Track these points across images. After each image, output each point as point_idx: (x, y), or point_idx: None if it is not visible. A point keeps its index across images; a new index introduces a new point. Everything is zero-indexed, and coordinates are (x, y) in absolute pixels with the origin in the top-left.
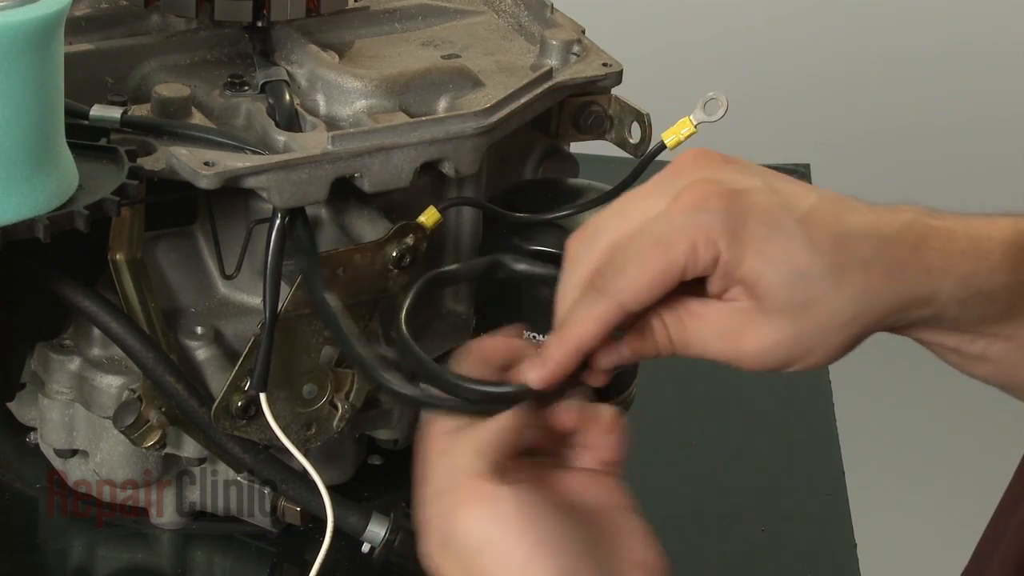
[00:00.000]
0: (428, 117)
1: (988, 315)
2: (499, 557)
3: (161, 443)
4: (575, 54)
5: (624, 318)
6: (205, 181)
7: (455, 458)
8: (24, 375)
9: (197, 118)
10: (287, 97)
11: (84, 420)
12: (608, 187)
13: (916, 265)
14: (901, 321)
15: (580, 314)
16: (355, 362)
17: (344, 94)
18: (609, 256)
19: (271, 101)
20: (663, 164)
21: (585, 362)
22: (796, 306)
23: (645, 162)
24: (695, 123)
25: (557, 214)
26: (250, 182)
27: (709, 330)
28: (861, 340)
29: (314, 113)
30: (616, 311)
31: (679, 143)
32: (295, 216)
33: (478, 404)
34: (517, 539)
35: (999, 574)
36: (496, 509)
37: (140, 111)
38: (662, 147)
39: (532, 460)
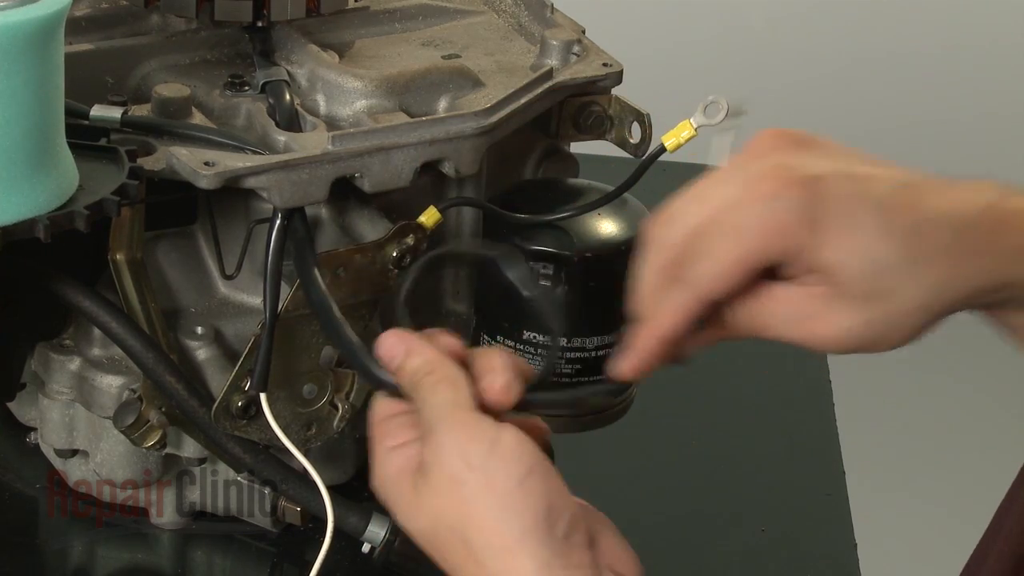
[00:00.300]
0: (428, 117)
1: None
2: (490, 477)
3: (161, 443)
4: (575, 54)
5: (706, 308)
6: (205, 181)
7: (455, 393)
8: (24, 375)
9: (197, 118)
10: (287, 97)
11: (84, 420)
12: (608, 187)
13: (994, 250)
14: (976, 304)
15: (664, 306)
16: (350, 359)
17: (344, 94)
18: (688, 245)
19: (271, 101)
20: (663, 166)
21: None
22: (872, 294)
23: (645, 164)
24: (695, 126)
25: (557, 215)
26: (250, 182)
27: (784, 314)
28: (934, 325)
29: (314, 113)
30: (698, 302)
31: (679, 146)
32: (294, 216)
33: None
34: (512, 464)
35: (996, 567)
36: (497, 436)
37: (140, 111)
38: (662, 150)
39: None
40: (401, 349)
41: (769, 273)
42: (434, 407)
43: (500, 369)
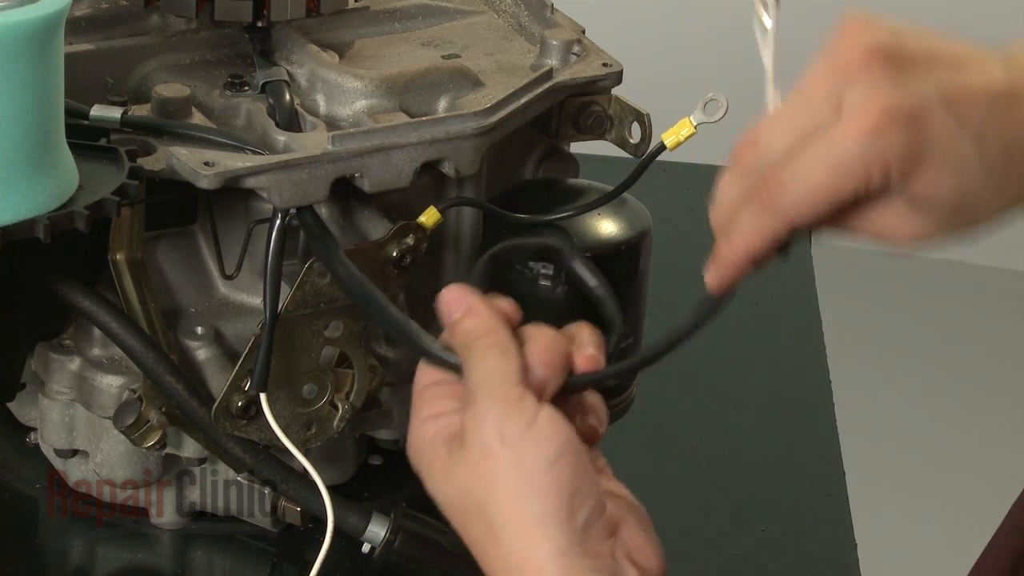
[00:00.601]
0: (428, 117)
1: None
2: (521, 454)
3: (161, 443)
4: (575, 54)
5: (792, 233)
6: (205, 181)
7: (503, 363)
8: (24, 375)
9: (197, 118)
10: (287, 97)
11: (84, 420)
12: (608, 187)
13: None
14: None
15: (750, 227)
16: (397, 333)
17: (344, 94)
18: (777, 171)
19: (271, 101)
20: (663, 166)
21: None
22: (957, 213)
23: (645, 163)
24: (695, 124)
25: (557, 215)
26: (250, 182)
27: (864, 220)
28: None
29: (314, 113)
30: (785, 228)
31: (679, 143)
32: (302, 210)
33: None
34: (545, 443)
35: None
36: (537, 414)
37: (140, 111)
38: (662, 148)
39: None
40: (462, 305)
41: None
42: (481, 375)
43: (589, 337)
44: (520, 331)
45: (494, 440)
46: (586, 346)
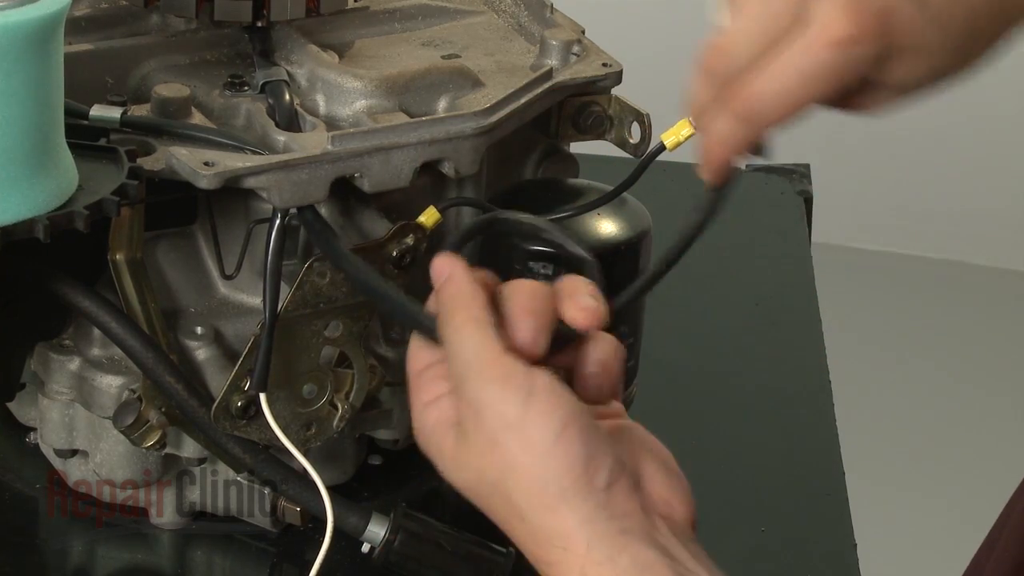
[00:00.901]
0: (428, 117)
1: None
2: (526, 435)
3: (161, 443)
4: (575, 54)
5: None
6: (205, 181)
7: (480, 334)
8: (24, 375)
9: (197, 118)
10: (287, 97)
11: (84, 420)
12: (608, 187)
13: None
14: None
15: (725, 134)
16: (409, 321)
17: (344, 94)
18: (748, 81)
19: (271, 101)
20: (663, 166)
21: None
22: (930, 84)
23: (645, 163)
24: (695, 124)
25: (557, 215)
26: (250, 182)
27: (840, 103)
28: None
29: (314, 113)
30: (757, 134)
31: (678, 144)
32: (303, 208)
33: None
34: (547, 419)
35: (997, 571)
36: (531, 387)
37: (140, 111)
38: (662, 148)
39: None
40: (446, 271)
41: None
42: (461, 356)
43: (584, 286)
44: (501, 289)
45: (497, 427)
46: (580, 296)
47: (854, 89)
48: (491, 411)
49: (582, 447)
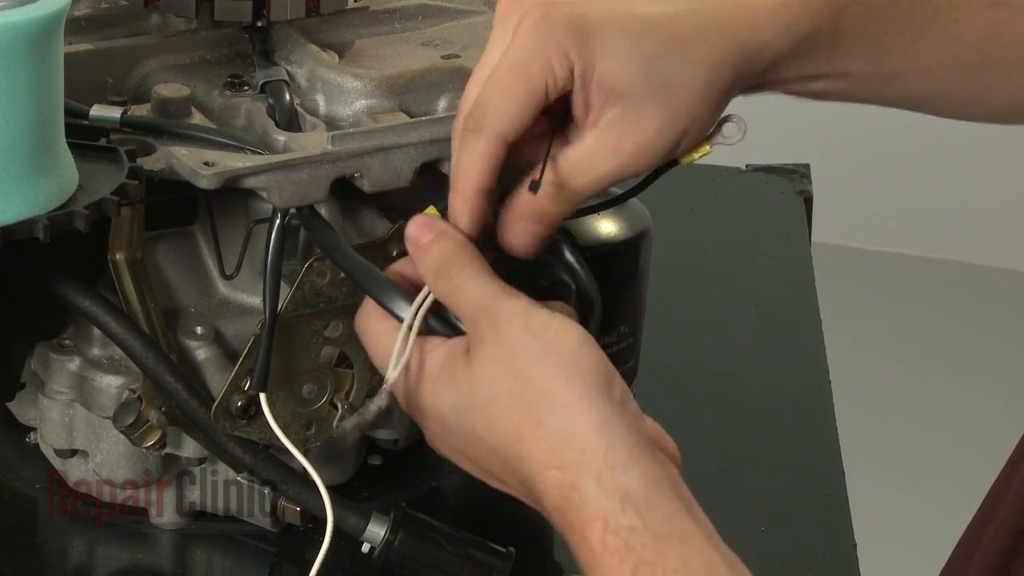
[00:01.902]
0: (428, 117)
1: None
2: (550, 339)
3: (161, 443)
4: None
5: (506, 149)
6: (205, 181)
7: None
8: (24, 375)
9: (197, 118)
10: (287, 97)
11: (84, 420)
12: (616, 191)
13: (743, 21)
14: (754, 78)
15: (465, 159)
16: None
17: (344, 94)
18: (479, 99)
19: (271, 101)
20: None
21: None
22: (656, 90)
23: (653, 176)
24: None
25: None
26: (250, 182)
27: (598, 155)
28: (725, 104)
29: (314, 113)
30: (497, 143)
31: (692, 161)
32: (302, 207)
33: None
34: (571, 329)
35: (983, 566)
36: (551, 308)
37: (140, 111)
38: (674, 163)
39: None
40: (431, 230)
41: (569, 133)
42: (472, 298)
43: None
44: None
45: (523, 334)
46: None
47: (579, 97)
48: (519, 320)
49: (600, 359)
